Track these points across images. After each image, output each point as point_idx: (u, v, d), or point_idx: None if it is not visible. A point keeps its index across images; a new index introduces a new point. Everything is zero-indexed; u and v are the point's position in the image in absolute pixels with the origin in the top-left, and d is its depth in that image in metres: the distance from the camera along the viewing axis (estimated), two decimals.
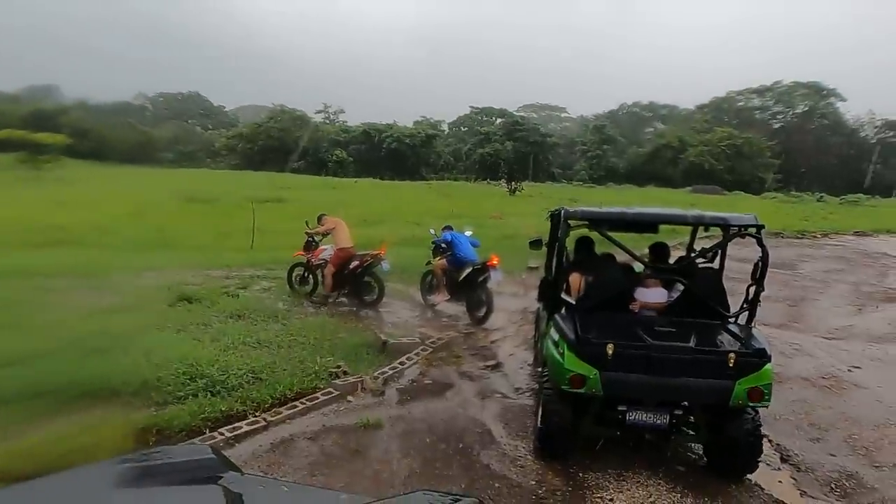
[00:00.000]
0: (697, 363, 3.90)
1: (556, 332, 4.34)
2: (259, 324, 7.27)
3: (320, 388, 5.53)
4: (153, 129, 65.74)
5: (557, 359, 4.11)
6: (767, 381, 3.90)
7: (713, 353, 3.98)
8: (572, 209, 4.80)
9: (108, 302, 7.89)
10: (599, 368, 3.92)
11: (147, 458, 0.95)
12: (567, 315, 4.51)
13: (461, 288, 8.31)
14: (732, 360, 3.85)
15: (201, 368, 5.42)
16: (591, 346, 3.95)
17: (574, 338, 4.02)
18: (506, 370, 6.48)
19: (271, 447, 4.52)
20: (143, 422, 4.56)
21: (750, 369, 3.88)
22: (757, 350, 3.96)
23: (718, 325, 4.56)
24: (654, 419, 4.07)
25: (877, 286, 12.23)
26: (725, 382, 3.87)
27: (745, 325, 4.59)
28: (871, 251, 17.67)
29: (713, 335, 4.35)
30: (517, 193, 36.37)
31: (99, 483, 0.84)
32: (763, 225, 4.56)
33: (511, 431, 4.94)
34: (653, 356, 3.92)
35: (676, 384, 3.93)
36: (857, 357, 7.27)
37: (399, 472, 4.25)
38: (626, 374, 3.92)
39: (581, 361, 3.95)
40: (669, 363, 3.91)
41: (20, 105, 56.41)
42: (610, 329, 4.21)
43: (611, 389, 3.96)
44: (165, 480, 0.86)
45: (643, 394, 4.02)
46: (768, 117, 76.76)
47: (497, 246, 14.66)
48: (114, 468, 0.86)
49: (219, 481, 0.89)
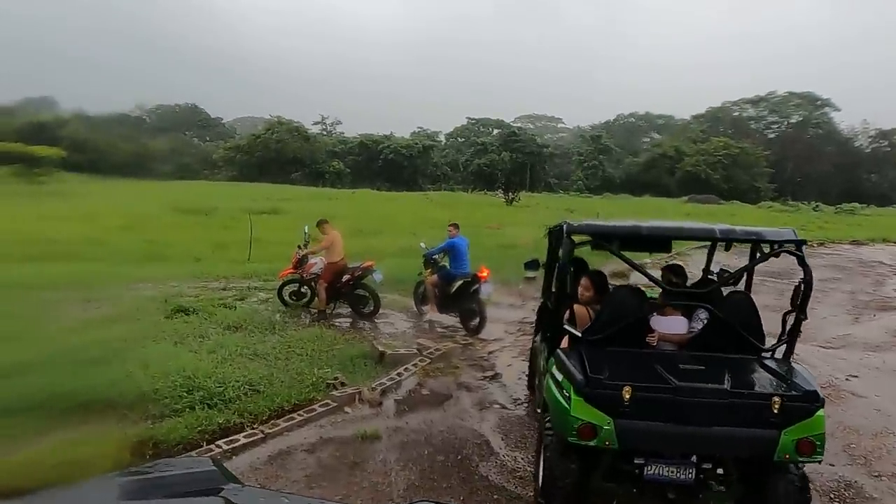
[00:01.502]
0: (734, 409, 3.25)
1: (559, 372, 3.68)
2: (256, 335, 7.25)
3: (318, 399, 5.52)
4: (150, 140, 65.76)
5: (562, 404, 3.44)
6: (819, 431, 3.25)
7: (754, 397, 3.33)
8: (576, 223, 4.19)
9: (104, 314, 7.87)
10: (614, 416, 3.25)
11: (148, 470, 0.95)
12: (572, 350, 3.84)
13: (453, 300, 8.31)
14: (778, 406, 3.21)
15: (198, 380, 5.40)
16: (603, 390, 3.30)
17: (582, 379, 3.36)
18: (504, 381, 6.46)
19: (269, 459, 4.50)
20: (140, 434, 4.54)
21: (798, 416, 3.23)
22: (807, 393, 3.30)
23: (754, 360, 3.85)
24: (678, 474, 3.39)
25: (873, 295, 12.27)
26: (769, 432, 3.22)
27: (784, 361, 3.90)
28: (866, 260, 17.74)
29: (750, 374, 3.68)
30: (514, 203, 36.49)
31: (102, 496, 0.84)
32: (804, 241, 3.92)
33: (510, 443, 4.93)
34: (680, 401, 3.26)
35: (709, 435, 3.26)
36: (855, 366, 7.27)
37: (397, 483, 4.22)
38: (647, 422, 3.28)
39: (591, 408, 3.28)
40: (700, 409, 3.26)
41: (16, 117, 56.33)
42: (625, 367, 3.59)
43: (628, 442, 3.30)
44: (167, 493, 0.87)
45: (668, 447, 3.38)
46: (763, 127, 77.45)
47: (494, 256, 14.69)
48: (116, 481, 0.87)
49: (220, 493, 0.90)
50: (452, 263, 8.43)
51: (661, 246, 5.43)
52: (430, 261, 8.73)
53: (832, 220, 35.25)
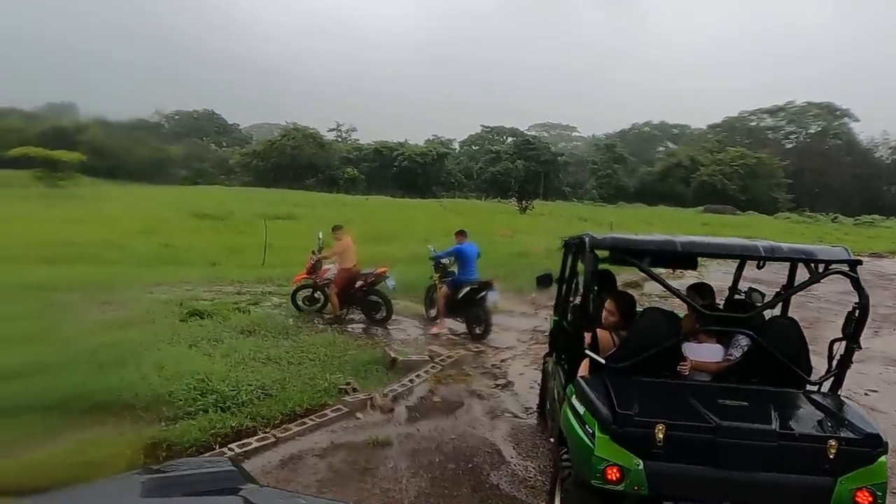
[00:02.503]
0: (784, 453, 2.87)
1: (580, 403, 3.28)
2: (269, 340, 7.30)
3: (329, 404, 5.53)
4: (168, 146, 66.75)
5: (585, 442, 3.06)
6: (882, 480, 2.89)
7: (807, 440, 2.91)
8: (600, 237, 3.76)
9: (120, 316, 7.98)
10: (644, 458, 2.89)
11: (169, 469, 0.97)
12: (595, 379, 3.44)
13: (460, 305, 8.44)
14: (834, 450, 2.82)
15: (212, 384, 5.44)
16: (633, 427, 2.91)
17: (609, 415, 2.97)
18: (515, 389, 6.44)
19: (280, 463, 4.51)
20: (153, 436, 4.58)
21: (857, 462, 2.85)
22: (868, 436, 2.91)
23: (801, 395, 3.47)
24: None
25: (893, 308, 12.07)
26: (822, 480, 2.85)
27: (834, 396, 3.53)
28: (886, 273, 17.47)
29: (799, 411, 3.29)
30: (528, 212, 36.44)
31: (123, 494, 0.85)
32: (860, 261, 3.56)
33: (521, 452, 4.90)
34: (721, 442, 2.88)
35: (753, 482, 2.88)
36: (875, 381, 7.15)
37: (408, 491, 4.21)
38: (683, 466, 2.91)
39: (619, 448, 2.91)
40: (745, 453, 2.88)
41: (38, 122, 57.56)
42: (656, 401, 3.20)
43: (661, 487, 2.91)
44: (187, 491, 0.88)
45: (705, 494, 2.96)
46: (781, 137, 76.74)
47: (507, 264, 14.69)
48: (137, 479, 0.88)
49: (239, 493, 0.91)
50: (461, 270, 8.53)
51: (689, 263, 4.95)
52: (440, 265, 8.83)
53: (851, 231, 34.78)
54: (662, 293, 9.63)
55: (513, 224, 26.75)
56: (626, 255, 3.74)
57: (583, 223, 26.91)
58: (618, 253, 3.82)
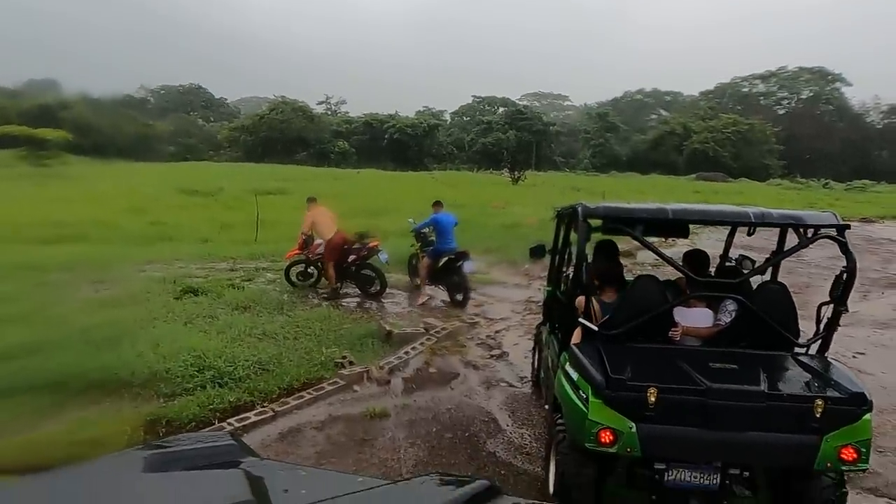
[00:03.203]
0: (772, 413, 2.95)
1: (574, 369, 3.37)
2: (265, 315, 7.31)
3: (326, 378, 5.58)
4: (155, 122, 65.61)
5: (579, 407, 3.15)
6: (866, 437, 2.97)
7: (795, 400, 3.00)
8: (592, 205, 3.75)
9: (113, 295, 7.96)
10: (637, 421, 2.98)
11: (170, 444, 0.98)
12: (588, 346, 3.52)
13: (440, 274, 8.79)
14: (821, 409, 2.92)
15: (209, 360, 5.47)
16: (626, 391, 3.00)
17: (602, 380, 3.06)
18: (510, 359, 6.51)
19: (279, 437, 4.58)
20: (152, 413, 4.62)
21: (843, 421, 2.94)
22: (853, 395, 3.00)
23: (789, 358, 3.57)
24: (702, 479, 3.11)
25: (882, 272, 12.23)
26: (809, 438, 2.94)
27: (821, 358, 3.63)
28: (876, 237, 17.63)
29: (787, 373, 3.39)
30: (520, 183, 36.30)
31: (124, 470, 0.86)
32: (847, 225, 3.59)
33: (516, 420, 4.98)
34: (712, 404, 2.97)
35: (742, 442, 2.98)
36: (862, 343, 7.28)
37: (406, 460, 4.29)
38: (674, 427, 3.00)
39: (612, 411, 3.00)
40: (734, 414, 2.96)
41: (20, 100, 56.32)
42: (648, 366, 3.30)
43: (653, 449, 3.01)
44: (189, 465, 0.89)
45: (696, 455, 3.09)
46: (773, 103, 76.39)
47: (500, 235, 14.70)
48: (138, 455, 0.89)
49: (240, 466, 0.92)
50: (439, 240, 8.79)
51: (681, 231, 5.04)
52: (421, 235, 9.14)
53: (842, 197, 34.96)
54: (655, 262, 9.69)
55: (505, 195, 26.65)
56: (619, 223, 3.77)
57: (575, 193, 26.86)
58: (610, 221, 3.84)
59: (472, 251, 12.67)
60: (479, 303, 8.85)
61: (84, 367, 5.12)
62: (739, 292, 3.71)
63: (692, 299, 3.81)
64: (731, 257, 4.76)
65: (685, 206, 3.89)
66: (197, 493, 0.80)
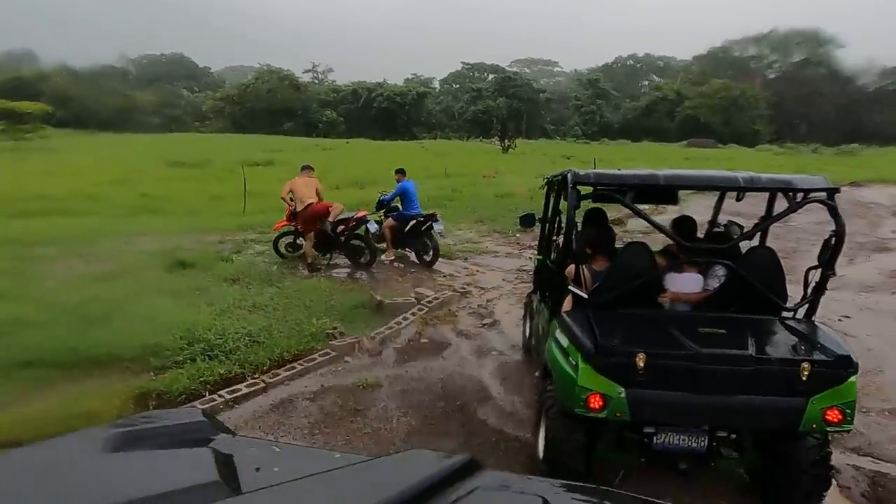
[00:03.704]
0: (759, 376, 2.98)
1: (564, 336, 3.38)
2: (254, 287, 7.28)
3: (317, 349, 5.58)
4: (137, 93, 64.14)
5: (568, 373, 3.17)
6: (851, 399, 3.01)
7: (781, 363, 3.03)
8: (582, 172, 3.71)
9: (101, 268, 7.87)
10: (626, 386, 3.01)
11: (137, 422, 0.94)
12: (578, 313, 3.53)
13: (408, 237, 9.11)
14: (807, 372, 2.95)
15: (198, 333, 5.45)
16: (615, 357, 3.02)
17: (591, 345, 3.08)
18: (502, 328, 6.53)
19: (271, 408, 4.58)
20: (143, 386, 4.61)
21: (829, 383, 2.97)
22: (839, 357, 3.02)
23: (776, 322, 3.58)
24: (691, 442, 3.16)
25: (869, 236, 12.31)
26: (795, 401, 2.98)
27: (808, 322, 3.63)
28: (865, 201, 17.71)
29: (774, 337, 3.40)
30: (510, 151, 36.03)
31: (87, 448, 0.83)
32: (837, 189, 3.57)
33: (507, 388, 5.02)
34: (700, 369, 2.99)
35: (730, 405, 3.01)
36: (848, 307, 7.36)
37: (398, 429, 4.32)
38: (663, 392, 3.03)
39: (601, 377, 3.03)
40: (723, 378, 2.98)
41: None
42: (637, 332, 3.32)
43: (641, 413, 3.05)
44: (155, 444, 0.86)
45: (684, 418, 3.14)
46: (765, 66, 75.71)
47: (491, 205, 14.65)
48: (103, 433, 0.85)
49: (209, 444, 0.89)
50: (405, 206, 9.10)
51: (671, 198, 5.03)
52: (383, 204, 9.56)
53: (831, 161, 34.97)
54: (645, 229, 9.70)
55: (495, 164, 26.47)
56: (609, 189, 3.74)
57: (566, 161, 26.72)
58: (601, 187, 3.80)
59: (463, 221, 12.77)
60: (470, 272, 8.85)
61: (74, 342, 5.09)
62: (728, 258, 3.72)
63: (681, 265, 3.81)
64: (719, 223, 4.73)
65: (676, 171, 3.86)
66: (159, 474, 0.76)
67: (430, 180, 19.23)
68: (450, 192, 16.66)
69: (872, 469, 3.87)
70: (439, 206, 14.53)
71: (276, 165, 22.91)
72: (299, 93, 65.35)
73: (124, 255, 8.67)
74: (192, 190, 16.42)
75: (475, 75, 78.47)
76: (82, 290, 6.74)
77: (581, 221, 4.51)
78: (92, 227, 10.53)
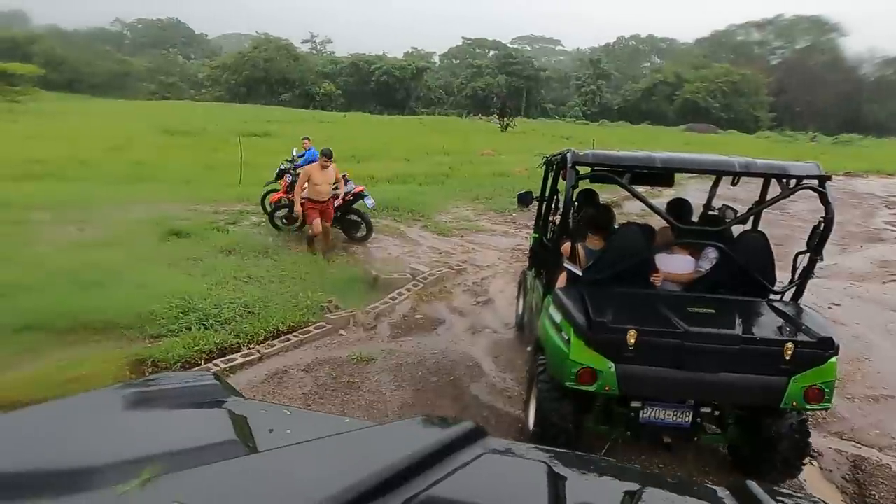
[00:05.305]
0: (745, 355, 3.10)
1: (557, 312, 3.46)
2: (250, 259, 7.27)
3: (312, 321, 5.61)
4: (132, 58, 63.01)
5: (561, 347, 3.28)
6: (830, 379, 3.14)
7: (766, 343, 3.14)
8: (581, 152, 3.78)
9: (96, 235, 7.84)
10: (616, 361, 3.12)
11: (151, 383, 0.96)
12: (572, 290, 3.61)
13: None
14: (790, 352, 3.06)
15: (194, 302, 5.46)
16: (606, 333, 3.12)
17: (584, 322, 3.18)
18: (496, 306, 6.58)
19: (266, 378, 4.63)
20: (138, 354, 4.63)
21: (810, 363, 3.10)
22: (822, 339, 3.12)
23: (764, 303, 3.69)
24: (676, 417, 3.30)
25: (862, 226, 12.40)
26: (777, 380, 3.10)
27: (795, 304, 3.73)
28: (859, 192, 17.78)
29: (761, 318, 3.51)
30: (509, 130, 35.77)
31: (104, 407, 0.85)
32: (829, 176, 3.64)
33: (500, 364, 5.08)
34: (688, 347, 3.11)
35: (715, 382, 3.14)
36: (838, 295, 7.45)
37: (391, 402, 4.38)
38: (651, 368, 3.15)
39: (592, 352, 3.14)
40: (709, 356, 3.11)
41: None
42: (629, 310, 3.40)
43: (630, 388, 3.19)
44: (170, 404, 0.87)
45: (671, 394, 3.29)
46: (767, 53, 75.15)
47: (489, 184, 14.60)
48: (118, 393, 0.87)
49: (223, 405, 0.91)
50: None
51: (667, 180, 5.06)
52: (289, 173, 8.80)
53: (828, 150, 34.97)
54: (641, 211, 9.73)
55: (493, 142, 26.30)
56: (608, 170, 3.80)
57: (565, 142, 26.59)
58: (599, 168, 3.88)
59: (461, 199, 12.72)
60: (466, 250, 8.87)
61: (69, 308, 5.09)
62: (721, 240, 3.81)
63: (674, 246, 3.89)
64: (714, 207, 4.80)
65: (673, 154, 3.96)
66: (178, 432, 0.78)
67: (430, 157, 19.17)
68: (447, 170, 16.59)
69: (854, 453, 3.96)
70: (436, 182, 14.51)
71: (273, 137, 22.68)
72: (297, 63, 64.47)
73: (119, 223, 8.63)
74: (187, 159, 16.26)
75: (475, 51, 77.51)
76: (77, 255, 6.72)
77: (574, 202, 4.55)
78: (86, 193, 10.44)
